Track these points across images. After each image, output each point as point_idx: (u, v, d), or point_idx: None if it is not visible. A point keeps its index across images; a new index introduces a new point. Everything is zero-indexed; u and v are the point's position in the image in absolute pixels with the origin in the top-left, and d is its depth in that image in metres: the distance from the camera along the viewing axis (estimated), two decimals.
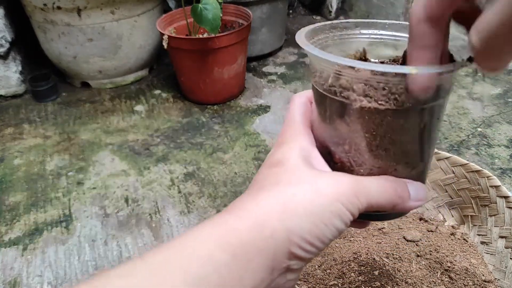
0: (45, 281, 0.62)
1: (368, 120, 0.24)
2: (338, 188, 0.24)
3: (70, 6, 0.98)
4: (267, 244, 0.22)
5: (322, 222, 0.23)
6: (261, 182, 0.26)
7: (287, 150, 0.26)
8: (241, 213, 0.23)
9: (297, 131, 0.27)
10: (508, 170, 0.77)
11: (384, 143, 0.25)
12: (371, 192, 0.24)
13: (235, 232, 0.22)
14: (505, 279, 0.52)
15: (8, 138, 0.96)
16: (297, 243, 0.23)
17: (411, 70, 0.21)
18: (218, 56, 0.95)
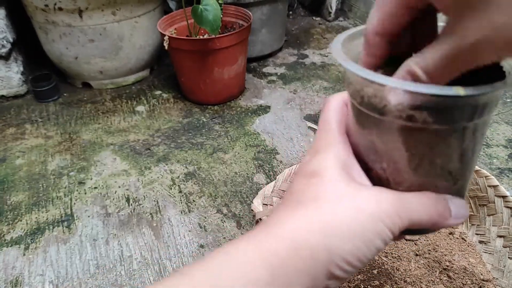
0: (46, 280, 0.63)
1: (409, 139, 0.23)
2: (380, 206, 0.23)
3: (71, 7, 0.99)
4: (307, 265, 0.22)
5: (363, 242, 0.22)
6: (298, 195, 0.24)
7: (324, 160, 0.25)
8: (281, 231, 0.23)
9: (333, 139, 0.26)
10: (506, 170, 0.78)
11: (426, 162, 0.23)
12: (412, 211, 0.23)
13: (276, 251, 0.22)
14: (503, 278, 0.52)
15: (10, 138, 0.96)
16: (337, 263, 0.22)
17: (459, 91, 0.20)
18: (218, 56, 0.96)
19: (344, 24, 1.47)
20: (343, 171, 0.24)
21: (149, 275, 0.63)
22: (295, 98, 1.06)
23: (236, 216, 0.72)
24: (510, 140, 0.86)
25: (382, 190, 0.24)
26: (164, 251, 0.66)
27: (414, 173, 0.24)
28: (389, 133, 0.23)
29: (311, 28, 1.46)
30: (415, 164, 0.24)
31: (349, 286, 0.52)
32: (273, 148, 0.88)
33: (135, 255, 0.66)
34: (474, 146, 0.24)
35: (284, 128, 0.95)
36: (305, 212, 0.23)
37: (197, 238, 0.68)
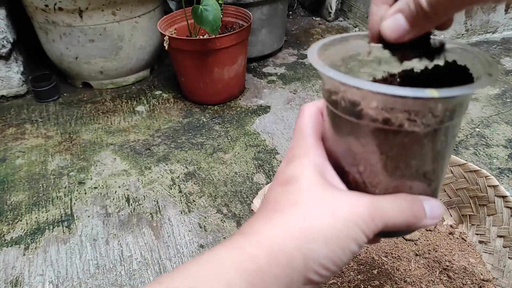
0: (46, 280, 0.63)
1: (385, 142, 0.23)
2: (354, 211, 0.23)
3: (71, 7, 0.99)
4: (284, 271, 0.22)
5: (339, 246, 0.23)
6: (274, 202, 0.25)
7: (299, 166, 0.25)
8: (257, 238, 0.23)
9: (308, 145, 0.26)
10: (506, 170, 0.78)
11: (401, 164, 0.24)
12: (387, 214, 0.24)
13: (252, 259, 0.22)
14: (503, 278, 0.52)
15: (10, 138, 0.96)
16: (314, 269, 0.22)
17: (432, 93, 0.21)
18: (218, 56, 0.96)
19: (344, 24, 1.47)
20: (318, 176, 0.25)
21: (149, 275, 0.63)
22: (295, 98, 1.06)
23: (236, 216, 0.72)
24: (510, 140, 0.86)
25: (356, 195, 0.24)
26: (164, 251, 0.66)
27: (390, 176, 0.25)
28: (365, 136, 0.24)
29: (311, 28, 1.47)
30: (390, 167, 0.24)
31: (349, 286, 0.52)
32: (273, 148, 0.88)
33: (135, 255, 0.66)
34: (446, 148, 0.25)
35: (284, 128, 0.95)
36: (282, 219, 0.23)
37: (197, 238, 0.68)
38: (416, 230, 0.28)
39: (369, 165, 0.25)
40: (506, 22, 1.31)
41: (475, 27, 1.28)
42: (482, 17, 1.27)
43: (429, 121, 0.22)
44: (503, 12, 1.28)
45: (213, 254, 0.23)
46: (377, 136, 0.23)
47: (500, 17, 1.29)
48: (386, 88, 0.21)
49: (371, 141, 0.24)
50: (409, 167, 0.24)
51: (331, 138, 0.26)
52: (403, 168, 0.24)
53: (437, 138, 0.24)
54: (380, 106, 0.22)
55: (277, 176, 0.26)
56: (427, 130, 0.23)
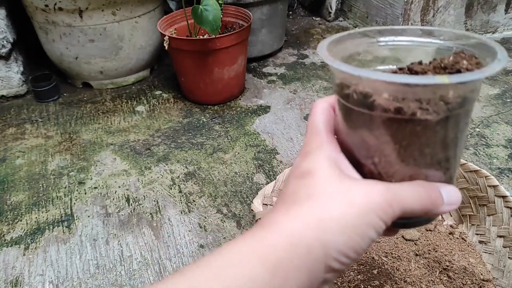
0: (46, 280, 0.63)
1: (398, 132, 0.24)
2: (371, 198, 0.23)
3: (71, 7, 0.99)
4: (304, 261, 0.22)
5: (357, 234, 0.23)
6: (292, 195, 0.25)
7: (315, 160, 0.26)
8: (277, 229, 0.23)
9: (322, 140, 0.27)
10: (506, 170, 0.78)
11: (415, 153, 0.24)
12: (404, 199, 0.24)
13: (273, 250, 0.22)
14: (503, 278, 0.52)
15: (10, 138, 0.96)
16: (334, 256, 0.23)
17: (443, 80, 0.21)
18: (218, 57, 0.96)
19: (344, 24, 1.47)
20: (334, 168, 0.25)
21: (149, 275, 0.63)
22: (295, 98, 1.06)
23: (236, 216, 0.72)
24: (510, 140, 0.86)
25: (372, 182, 0.25)
26: (164, 251, 0.66)
27: (405, 165, 0.25)
28: (378, 127, 0.24)
29: (311, 28, 1.46)
30: (405, 156, 0.24)
31: (349, 286, 0.52)
32: (273, 148, 0.88)
33: (135, 255, 0.66)
34: (459, 135, 0.25)
35: (284, 128, 0.95)
36: (300, 210, 0.24)
37: (197, 238, 0.68)
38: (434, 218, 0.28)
39: (384, 155, 0.25)
40: (506, 22, 1.31)
41: (475, 27, 1.28)
42: (482, 17, 1.27)
43: (441, 108, 0.22)
44: (503, 12, 1.28)
45: (234, 246, 0.23)
46: (390, 126, 0.24)
47: (500, 17, 1.29)
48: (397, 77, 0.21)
49: (384, 132, 0.24)
50: (424, 156, 0.24)
51: (344, 131, 0.27)
52: (418, 157, 0.24)
53: (449, 125, 0.24)
54: (392, 96, 0.22)
55: (293, 170, 0.27)
56: (439, 118, 0.23)
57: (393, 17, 1.23)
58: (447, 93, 0.22)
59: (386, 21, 1.27)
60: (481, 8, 1.26)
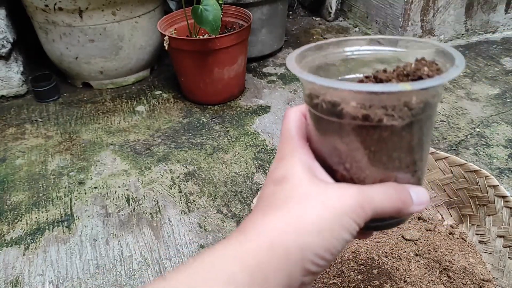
0: (46, 280, 0.63)
1: (366, 138, 0.25)
2: (344, 201, 0.24)
3: (71, 7, 0.99)
4: (282, 264, 0.23)
5: (332, 236, 0.24)
6: (269, 200, 0.26)
7: (289, 165, 0.27)
8: (256, 234, 0.24)
9: (295, 145, 0.28)
10: (506, 170, 0.78)
11: (384, 157, 0.26)
12: (375, 201, 0.25)
13: (252, 253, 0.23)
14: (503, 278, 0.52)
15: (10, 138, 0.96)
16: (311, 259, 0.24)
17: (406, 87, 0.22)
18: (218, 57, 0.96)
19: (344, 24, 1.47)
20: (308, 173, 0.26)
21: (149, 275, 0.63)
22: (295, 98, 1.06)
23: (236, 216, 0.72)
24: (510, 140, 0.86)
25: (345, 186, 0.26)
26: (164, 251, 0.66)
27: (375, 169, 0.26)
28: (348, 134, 0.25)
29: (311, 28, 1.47)
30: (375, 161, 0.26)
31: (349, 286, 0.52)
32: (273, 148, 0.88)
33: (135, 255, 0.66)
34: (424, 138, 0.26)
35: None
36: (277, 214, 0.25)
37: (197, 238, 0.68)
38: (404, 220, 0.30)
39: (355, 161, 0.26)
40: (506, 22, 1.31)
41: (475, 27, 1.28)
42: (482, 17, 1.27)
43: (405, 114, 0.24)
44: (503, 12, 1.28)
45: (213, 251, 0.24)
46: (359, 133, 0.25)
47: (500, 17, 1.29)
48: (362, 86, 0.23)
49: (354, 138, 0.25)
50: (392, 160, 0.26)
51: (316, 139, 0.28)
52: (387, 161, 0.26)
53: (414, 130, 0.25)
54: (359, 104, 0.24)
55: (269, 176, 0.28)
56: (404, 123, 0.24)
57: (393, 17, 1.23)
58: (411, 99, 0.23)
59: (386, 21, 1.27)
60: (481, 8, 1.26)
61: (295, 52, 0.29)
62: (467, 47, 1.26)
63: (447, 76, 0.23)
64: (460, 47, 1.26)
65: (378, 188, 0.26)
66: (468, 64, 1.16)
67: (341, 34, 1.40)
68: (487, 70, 1.13)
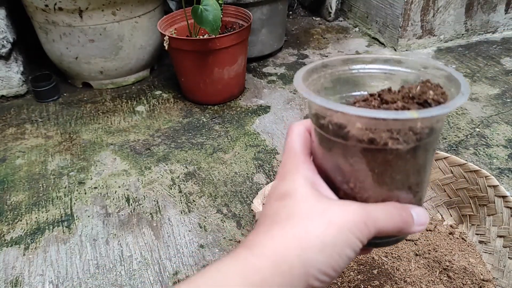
0: (46, 280, 0.63)
1: (371, 160, 0.25)
2: (348, 218, 0.24)
3: (71, 7, 0.99)
4: (287, 280, 0.23)
5: (336, 252, 0.24)
6: (273, 216, 0.26)
7: (293, 181, 0.27)
8: (260, 250, 0.24)
9: (299, 162, 0.28)
10: (506, 170, 0.78)
11: (387, 179, 0.26)
12: (379, 220, 0.25)
13: (257, 270, 0.23)
14: (503, 278, 0.52)
15: (10, 138, 0.96)
16: (314, 275, 0.24)
17: (413, 115, 0.22)
18: (218, 56, 0.96)
19: (344, 24, 1.47)
20: (312, 189, 0.26)
21: (149, 275, 0.63)
22: (295, 98, 1.06)
23: (236, 216, 0.72)
24: (510, 140, 0.86)
25: (349, 203, 0.26)
26: (164, 251, 0.66)
27: (379, 189, 0.27)
28: (353, 155, 0.26)
29: (311, 28, 1.46)
30: (378, 182, 0.26)
31: (349, 286, 0.52)
32: (273, 148, 0.88)
33: (135, 255, 0.66)
34: (427, 161, 0.27)
35: (284, 128, 0.95)
36: (282, 231, 0.25)
37: (197, 238, 0.68)
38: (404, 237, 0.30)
39: (359, 181, 0.26)
40: (506, 22, 1.31)
41: (475, 27, 1.28)
42: (482, 17, 1.27)
43: (410, 138, 0.24)
44: (503, 12, 1.28)
45: (219, 267, 0.24)
46: (364, 155, 0.25)
47: (500, 17, 1.29)
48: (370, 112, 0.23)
49: (358, 160, 0.26)
50: (395, 182, 0.26)
51: (321, 157, 0.28)
52: (390, 182, 0.26)
53: (418, 153, 0.26)
54: (365, 128, 0.24)
55: (272, 192, 0.28)
56: (409, 147, 0.25)
57: (393, 17, 1.23)
58: (416, 124, 0.24)
59: (386, 21, 1.27)
60: (481, 8, 1.26)
61: (301, 71, 0.29)
62: (467, 47, 1.26)
63: (453, 105, 0.24)
64: (460, 47, 1.26)
65: (381, 207, 0.26)
66: (468, 64, 1.16)
67: (341, 34, 1.40)
68: (487, 70, 1.13)
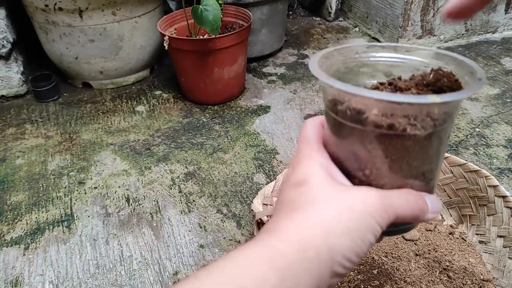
0: (46, 280, 0.63)
1: (389, 146, 0.25)
2: (369, 203, 0.25)
3: (71, 7, 0.99)
4: (313, 265, 0.23)
5: (359, 237, 0.24)
6: (292, 202, 0.26)
7: (308, 168, 0.27)
8: (285, 235, 0.24)
9: (313, 149, 0.28)
10: (506, 170, 0.78)
11: (404, 165, 0.26)
12: (397, 205, 0.25)
13: (282, 254, 0.23)
14: (503, 278, 0.52)
15: (10, 138, 0.96)
16: (339, 261, 0.24)
17: (434, 99, 0.22)
18: (218, 56, 0.96)
19: (344, 24, 1.47)
20: (328, 176, 0.26)
21: (149, 275, 0.63)
22: (295, 98, 1.06)
23: (236, 216, 0.72)
24: (510, 140, 0.86)
25: (367, 189, 0.26)
26: (164, 251, 0.66)
27: (394, 176, 0.26)
28: (370, 142, 0.25)
29: (311, 28, 1.46)
30: (394, 169, 0.26)
31: (349, 286, 0.52)
32: (273, 148, 0.88)
33: (135, 255, 0.66)
34: (442, 148, 0.27)
35: (284, 128, 0.95)
36: (304, 217, 0.25)
37: (197, 238, 0.68)
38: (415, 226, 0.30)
39: (375, 168, 0.26)
40: (506, 22, 1.31)
41: (475, 27, 1.28)
42: (482, 17, 1.27)
43: (428, 124, 0.24)
44: (503, 12, 1.28)
45: (245, 251, 0.24)
46: (382, 141, 0.25)
47: (500, 17, 1.29)
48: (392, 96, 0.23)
49: (376, 146, 0.25)
50: (411, 168, 0.26)
51: (335, 145, 0.28)
52: (406, 169, 0.26)
53: (435, 139, 0.26)
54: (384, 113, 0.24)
55: (286, 179, 0.28)
56: (426, 133, 0.25)
57: (393, 17, 1.23)
58: (434, 110, 0.24)
59: (386, 21, 1.27)
60: None
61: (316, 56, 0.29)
62: (467, 47, 1.26)
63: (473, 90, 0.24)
64: (460, 47, 1.26)
65: (399, 194, 0.26)
66: None
67: (341, 34, 1.40)
68: (487, 70, 1.13)
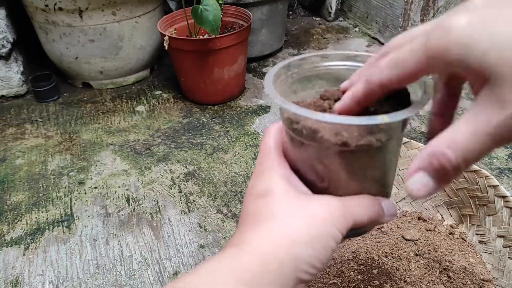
0: (46, 280, 0.63)
1: (344, 160, 0.27)
2: (329, 212, 0.26)
3: (71, 7, 0.99)
4: (276, 276, 0.24)
5: (321, 245, 0.25)
6: (255, 214, 0.27)
7: (269, 179, 0.28)
8: (249, 248, 0.25)
9: (274, 160, 0.29)
10: (506, 170, 0.78)
11: (359, 176, 0.28)
12: (355, 212, 0.27)
13: (247, 268, 0.24)
14: (503, 278, 0.52)
15: (10, 138, 0.96)
16: (303, 269, 0.24)
17: (384, 119, 0.23)
18: (218, 56, 0.96)
19: (344, 24, 1.47)
20: (289, 186, 0.27)
21: (149, 275, 0.63)
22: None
23: (236, 216, 0.72)
24: None
25: (327, 198, 0.27)
26: (164, 251, 0.66)
27: (352, 185, 0.28)
28: (326, 157, 0.27)
29: (311, 28, 1.47)
30: (351, 179, 0.28)
31: (349, 286, 0.52)
32: None
33: (135, 255, 0.66)
34: (395, 157, 0.29)
35: None
36: (267, 228, 0.25)
37: (197, 238, 0.68)
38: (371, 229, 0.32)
39: (333, 180, 0.28)
40: None
41: None
42: None
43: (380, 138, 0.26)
44: None
45: (210, 265, 0.25)
46: (338, 156, 0.26)
47: None
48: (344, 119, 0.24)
49: (333, 161, 0.27)
50: (366, 178, 0.28)
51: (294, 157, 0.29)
52: (362, 179, 0.28)
53: (387, 150, 0.27)
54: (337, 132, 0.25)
55: (249, 191, 0.29)
56: (379, 145, 0.26)
57: (393, 17, 1.23)
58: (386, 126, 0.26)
59: (386, 21, 1.27)
60: None
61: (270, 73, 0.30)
62: None
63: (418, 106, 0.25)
64: None
65: (356, 201, 0.27)
66: None
67: (341, 34, 1.40)
68: None
